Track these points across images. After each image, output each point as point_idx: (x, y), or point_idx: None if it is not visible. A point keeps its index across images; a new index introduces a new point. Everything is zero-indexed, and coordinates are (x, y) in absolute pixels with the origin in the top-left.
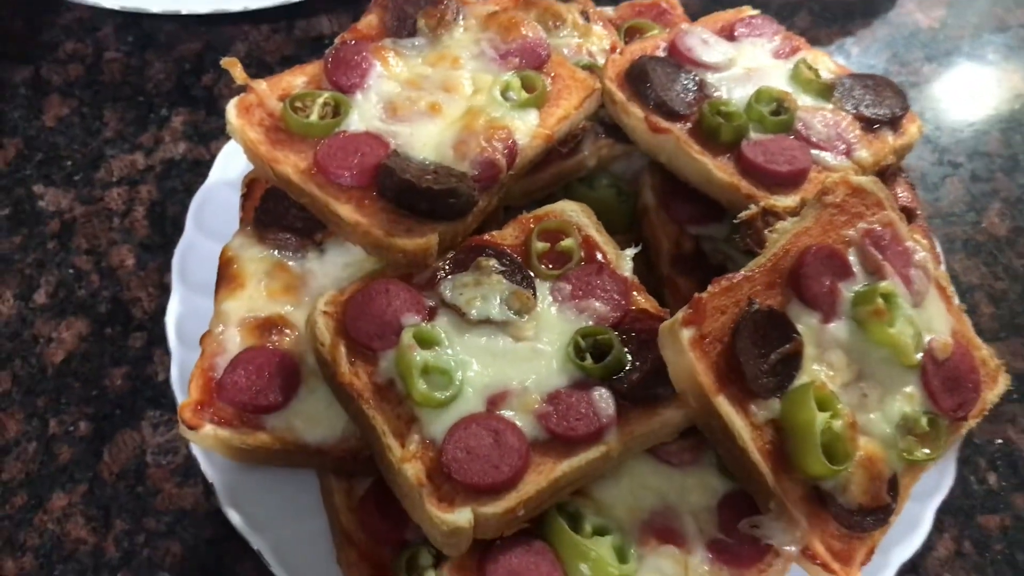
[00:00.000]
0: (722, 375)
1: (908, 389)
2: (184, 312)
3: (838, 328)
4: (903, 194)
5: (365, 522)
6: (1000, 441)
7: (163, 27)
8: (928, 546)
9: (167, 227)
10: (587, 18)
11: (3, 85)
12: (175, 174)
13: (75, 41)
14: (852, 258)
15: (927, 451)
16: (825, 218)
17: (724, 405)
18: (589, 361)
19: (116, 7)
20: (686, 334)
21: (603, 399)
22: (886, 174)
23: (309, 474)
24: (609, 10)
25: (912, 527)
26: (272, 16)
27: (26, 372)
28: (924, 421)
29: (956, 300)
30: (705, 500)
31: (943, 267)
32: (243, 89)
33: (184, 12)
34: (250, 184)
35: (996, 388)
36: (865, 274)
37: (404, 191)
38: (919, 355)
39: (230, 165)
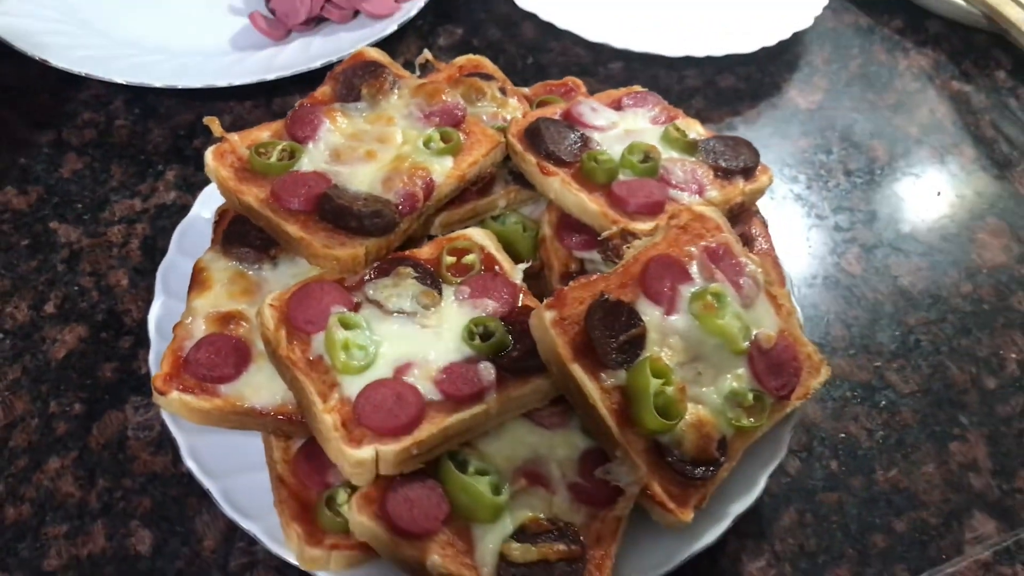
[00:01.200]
0: (578, 349)
1: (738, 371)
2: (163, 314)
3: (677, 320)
4: (756, 229)
5: (296, 469)
6: (843, 435)
7: (164, 102)
8: (775, 516)
9: (156, 256)
10: (504, 93)
11: (30, 145)
12: (166, 215)
13: (91, 111)
14: (693, 269)
15: (752, 420)
16: (671, 236)
17: (578, 372)
18: (478, 341)
19: (123, 81)
20: (548, 315)
21: (486, 369)
22: (740, 213)
23: (255, 437)
24: (526, 89)
25: (748, 488)
26: (254, 93)
27: (34, 365)
28: (750, 396)
29: (798, 314)
30: (569, 454)
31: (791, 289)
32: (221, 141)
33: (180, 87)
34: (221, 214)
35: (819, 377)
36: (702, 280)
37: (339, 213)
38: (746, 343)
39: (207, 204)
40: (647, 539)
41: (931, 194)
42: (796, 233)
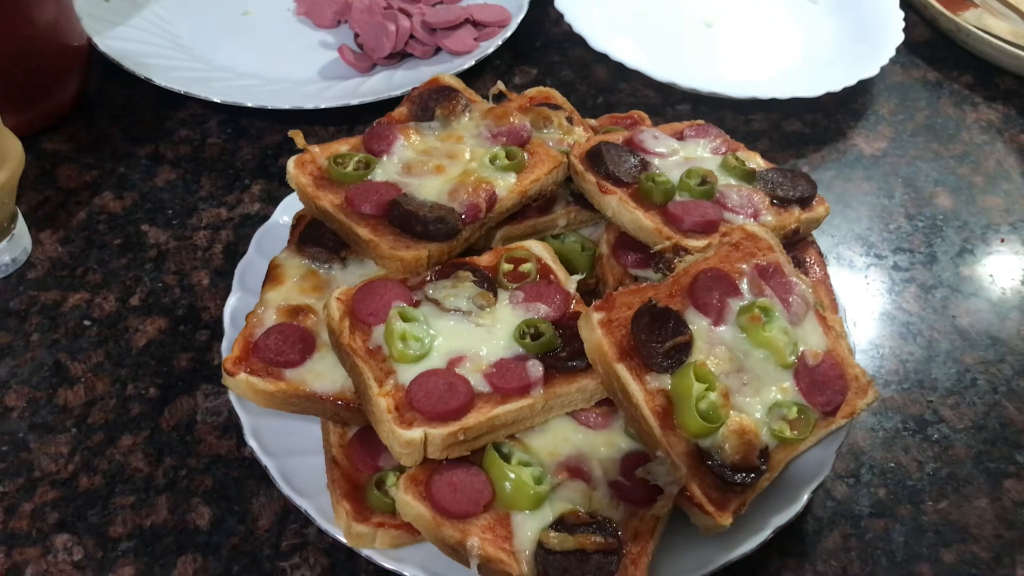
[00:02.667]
0: (623, 350)
1: (783, 384)
2: (238, 306)
3: (724, 331)
4: (810, 258)
5: (350, 453)
6: (893, 465)
7: (254, 124)
8: (819, 538)
9: (238, 259)
10: (571, 122)
11: (130, 156)
12: (249, 224)
13: (188, 129)
14: (742, 283)
15: (795, 432)
16: (723, 252)
17: (623, 372)
18: (528, 340)
19: (218, 100)
20: (596, 316)
21: (534, 367)
22: (796, 241)
23: (314, 423)
24: (593, 121)
25: (790, 502)
26: (337, 120)
27: (116, 351)
28: (795, 410)
29: (849, 339)
30: (611, 453)
31: (844, 317)
32: (302, 152)
33: (270, 107)
34: (298, 219)
35: (866, 398)
36: (751, 294)
37: (406, 218)
38: (792, 358)
39: (287, 211)
40: (685, 542)
41: (994, 240)
42: (854, 270)
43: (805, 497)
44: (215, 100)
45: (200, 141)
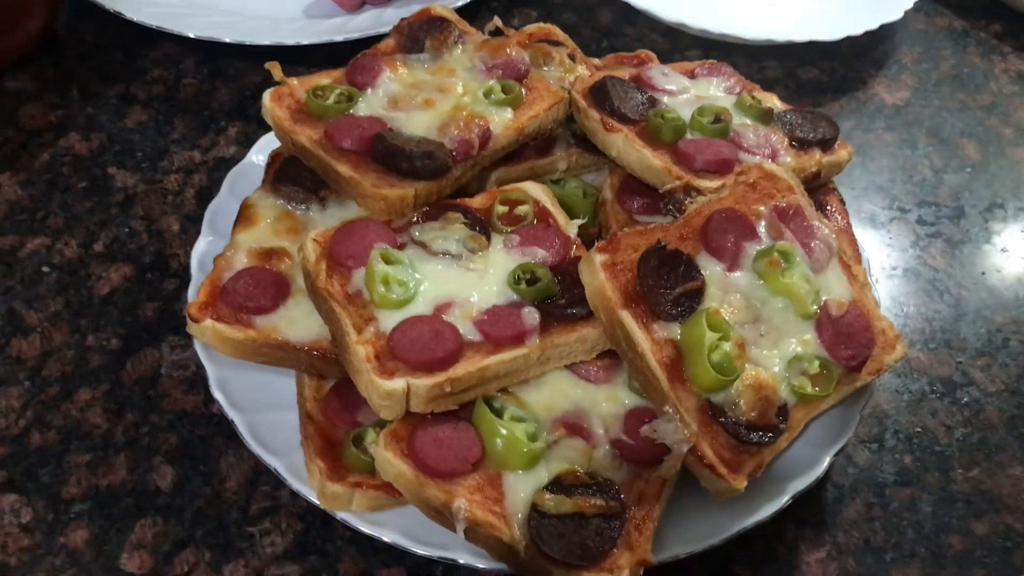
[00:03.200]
0: (628, 296)
1: (804, 336)
2: (208, 250)
3: (739, 277)
4: (832, 205)
5: (326, 408)
6: (919, 429)
7: (233, 64)
8: (839, 507)
9: (210, 204)
10: (573, 60)
11: (99, 96)
12: (224, 168)
13: (162, 69)
14: (760, 226)
15: (817, 389)
16: (739, 193)
17: (627, 319)
18: (523, 286)
19: (193, 35)
20: (599, 258)
21: (529, 314)
22: (816, 186)
23: (287, 377)
24: (596, 60)
25: (809, 466)
26: (322, 61)
27: (76, 299)
28: (816, 364)
29: (874, 291)
30: (613, 410)
31: (867, 269)
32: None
33: (248, 43)
34: (274, 157)
35: (894, 354)
36: (769, 238)
37: (390, 153)
38: (814, 308)
39: (263, 151)
40: (695, 507)
41: None
42: (876, 224)
43: (826, 461)
44: (189, 35)
45: (174, 81)
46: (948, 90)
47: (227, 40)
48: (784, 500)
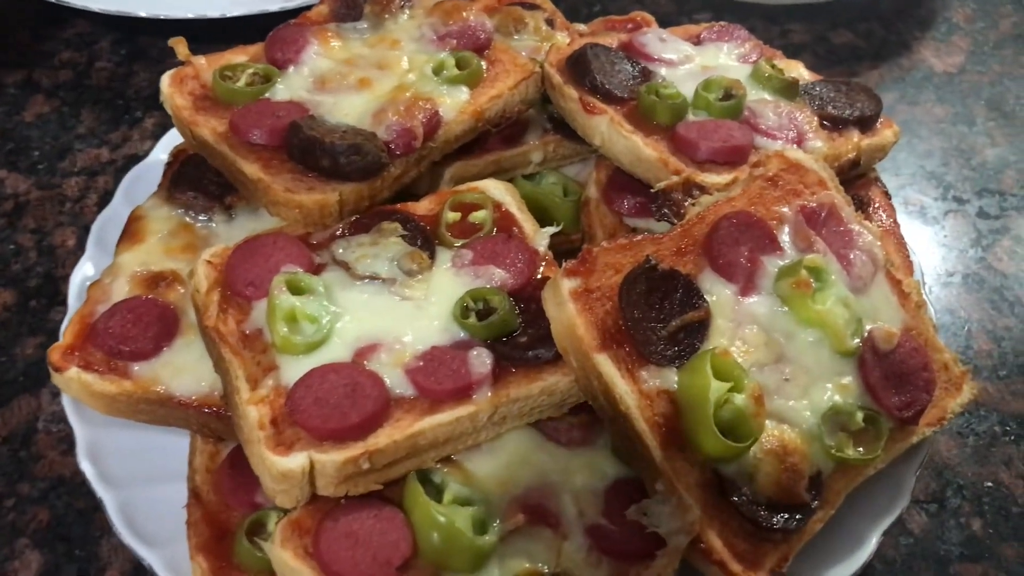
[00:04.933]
0: (608, 335)
1: (843, 380)
2: (94, 274)
3: (757, 303)
4: (875, 200)
5: (218, 482)
6: (990, 484)
7: (155, 44)
8: None
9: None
10: (552, 26)
11: None
12: (133, 166)
13: (72, 51)
14: (783, 234)
15: (861, 451)
16: (754, 190)
17: (606, 365)
18: (473, 320)
19: (97, 9)
20: (568, 284)
21: (479, 357)
22: (853, 177)
23: (183, 439)
24: (582, 26)
25: (852, 549)
26: (247, 34)
27: None
28: (859, 416)
29: (930, 311)
30: (592, 483)
31: (921, 281)
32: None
33: (164, 16)
34: (176, 154)
35: (960, 397)
36: (795, 250)
37: (308, 147)
38: (856, 341)
39: (171, 146)
40: None
41: None
42: (926, 218)
43: (874, 541)
44: (93, 9)
45: (85, 66)
46: (1011, 52)
47: (142, 14)
48: None
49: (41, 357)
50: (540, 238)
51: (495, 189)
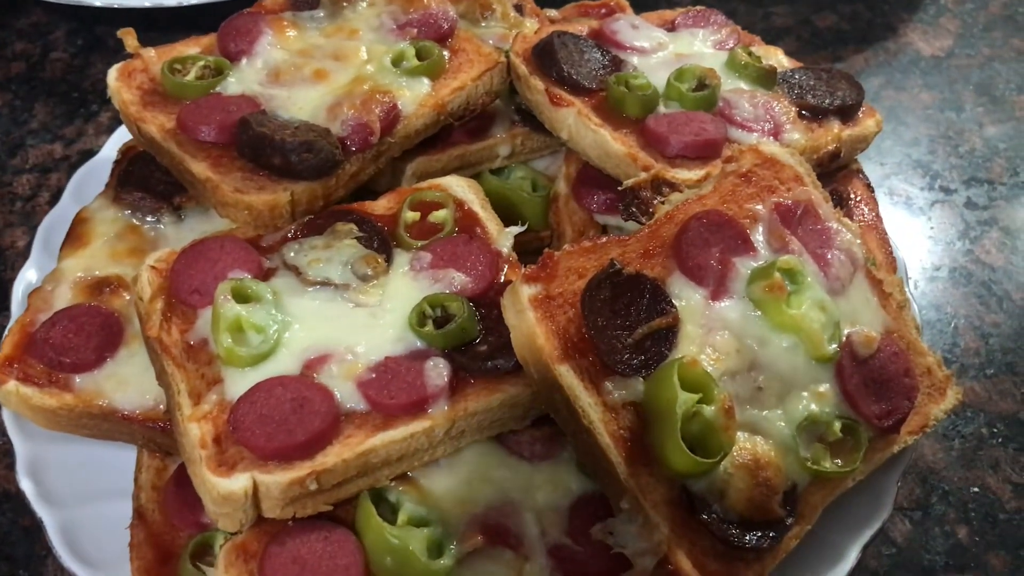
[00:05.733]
0: (570, 344)
1: (819, 387)
2: (37, 280)
3: (729, 307)
4: (856, 193)
5: (164, 501)
6: (976, 490)
7: (113, 33)
8: None
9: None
10: (521, 12)
11: None
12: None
13: (25, 42)
14: (756, 234)
15: (839, 462)
16: (726, 188)
17: (567, 376)
18: (430, 328)
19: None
20: (528, 291)
21: (435, 368)
22: (835, 169)
23: (130, 453)
24: (553, 11)
25: (833, 561)
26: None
27: None
28: (837, 426)
29: (913, 311)
30: (555, 500)
31: (904, 278)
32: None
33: (117, 6)
34: (125, 152)
35: (944, 403)
36: (769, 250)
37: (257, 144)
38: (833, 347)
39: (121, 143)
40: None
41: None
42: (912, 209)
43: (854, 555)
44: None
45: (40, 57)
46: (1001, 34)
47: (97, 3)
48: None
49: None
50: (504, 239)
51: (457, 186)
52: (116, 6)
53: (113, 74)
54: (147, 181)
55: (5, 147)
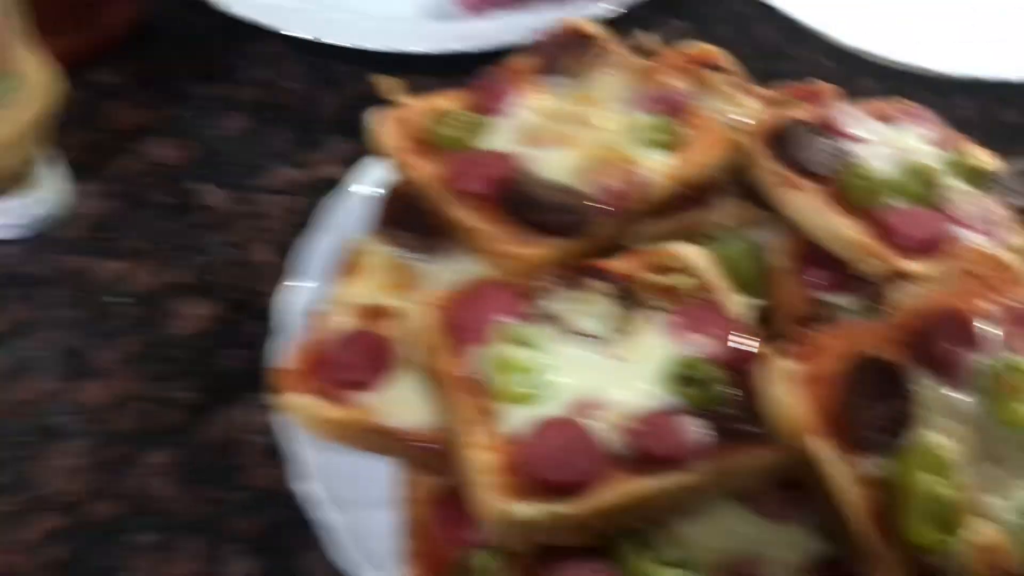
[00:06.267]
0: (825, 419)
1: None
2: (296, 299)
3: (962, 399)
4: None
5: (443, 516)
6: None
7: (341, 68)
8: None
9: (307, 233)
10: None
11: (189, 96)
12: (325, 189)
13: (261, 69)
14: (991, 334)
15: None
16: (961, 285)
17: (823, 449)
18: (685, 387)
19: (293, 34)
20: (783, 365)
21: (691, 425)
22: None
23: (393, 471)
24: (764, 91)
25: None
26: (443, 71)
27: (154, 339)
28: None
29: None
30: (794, 558)
31: None
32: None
33: (355, 46)
34: (388, 190)
35: None
36: (1002, 351)
37: (522, 201)
38: None
39: (366, 179)
40: None
41: None
42: None
43: None
44: (282, 33)
45: (274, 85)
46: None
47: (328, 41)
48: None
49: (241, 369)
50: (742, 308)
51: (692, 254)
52: (355, 47)
53: (381, 121)
54: (411, 222)
55: (249, 168)
